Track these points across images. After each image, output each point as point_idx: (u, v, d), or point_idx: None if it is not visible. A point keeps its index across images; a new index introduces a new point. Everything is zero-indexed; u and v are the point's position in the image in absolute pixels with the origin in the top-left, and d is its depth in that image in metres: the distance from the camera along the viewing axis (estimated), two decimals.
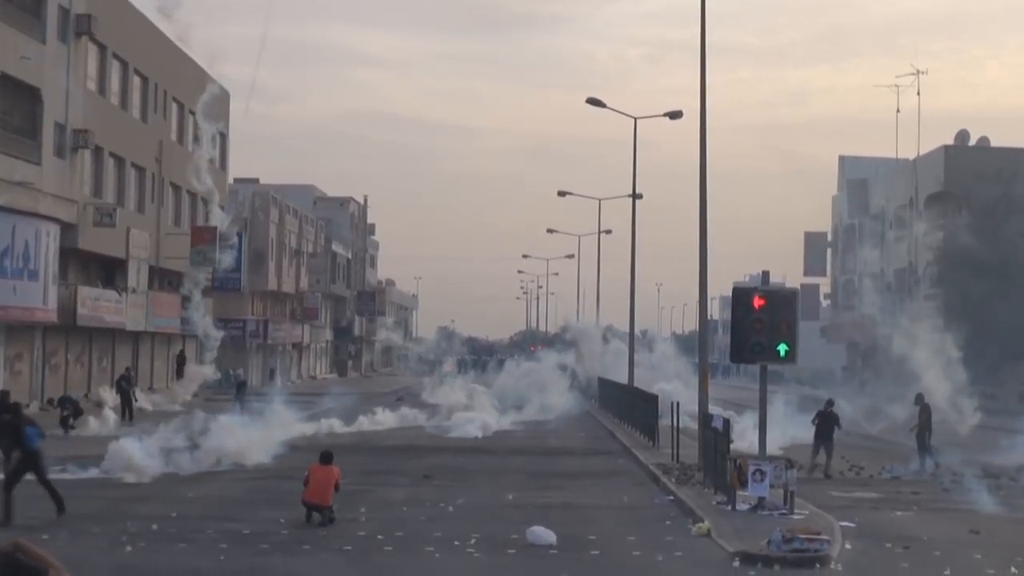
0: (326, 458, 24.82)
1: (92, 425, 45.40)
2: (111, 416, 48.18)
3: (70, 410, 44.82)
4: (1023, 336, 64.52)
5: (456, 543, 21.63)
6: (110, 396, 54.40)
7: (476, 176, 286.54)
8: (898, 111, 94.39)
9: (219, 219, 70.27)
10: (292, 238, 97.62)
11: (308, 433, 44.65)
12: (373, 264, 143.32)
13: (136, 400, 53.05)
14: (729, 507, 25.41)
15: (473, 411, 56.88)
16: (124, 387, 52.36)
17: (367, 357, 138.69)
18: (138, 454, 32.29)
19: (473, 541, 21.83)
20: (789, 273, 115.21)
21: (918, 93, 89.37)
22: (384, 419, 53.45)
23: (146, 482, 30.26)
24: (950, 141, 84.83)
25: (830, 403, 36.43)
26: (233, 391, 58.72)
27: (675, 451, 36.49)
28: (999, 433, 42.42)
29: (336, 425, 48.82)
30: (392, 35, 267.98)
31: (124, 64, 61.11)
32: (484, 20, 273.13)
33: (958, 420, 43.00)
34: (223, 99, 75.79)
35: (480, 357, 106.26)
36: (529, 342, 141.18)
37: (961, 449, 38.29)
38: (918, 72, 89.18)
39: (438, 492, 29.27)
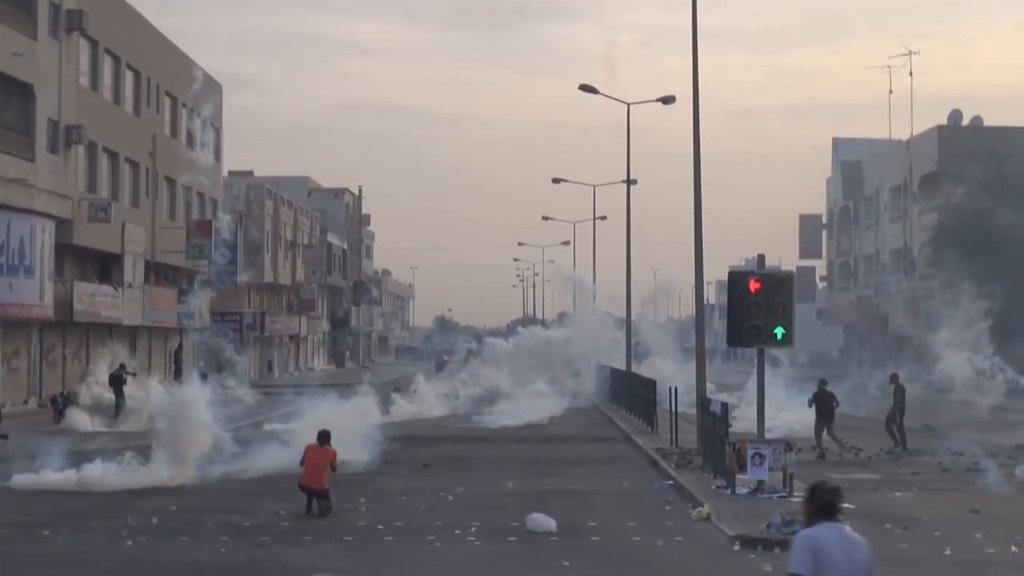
0: (323, 438, 24.48)
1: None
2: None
3: (60, 405, 44.80)
4: (1019, 314, 64.51)
5: (456, 532, 21.68)
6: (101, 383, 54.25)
7: (470, 165, 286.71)
8: (891, 92, 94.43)
9: (224, 224, 70.22)
10: (287, 230, 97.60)
11: (380, 421, 43.92)
12: (369, 255, 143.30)
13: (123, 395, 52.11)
14: (728, 491, 25.46)
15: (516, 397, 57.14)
16: (116, 377, 52.07)
17: (364, 347, 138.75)
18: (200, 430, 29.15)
19: (473, 529, 21.88)
20: (785, 256, 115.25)
21: (911, 74, 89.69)
22: (435, 408, 53.86)
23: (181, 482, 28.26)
24: (943, 121, 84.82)
25: (823, 382, 36.31)
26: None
27: (674, 436, 36.51)
28: (1005, 412, 42.33)
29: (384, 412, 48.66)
30: (384, 25, 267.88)
31: (116, 59, 61.04)
32: (476, 8, 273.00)
33: (978, 401, 41.62)
34: (215, 92, 75.75)
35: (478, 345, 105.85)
36: None
37: (968, 429, 38.01)
38: (910, 53, 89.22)
39: (438, 481, 29.29)
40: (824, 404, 35.45)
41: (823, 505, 9.19)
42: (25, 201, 48.98)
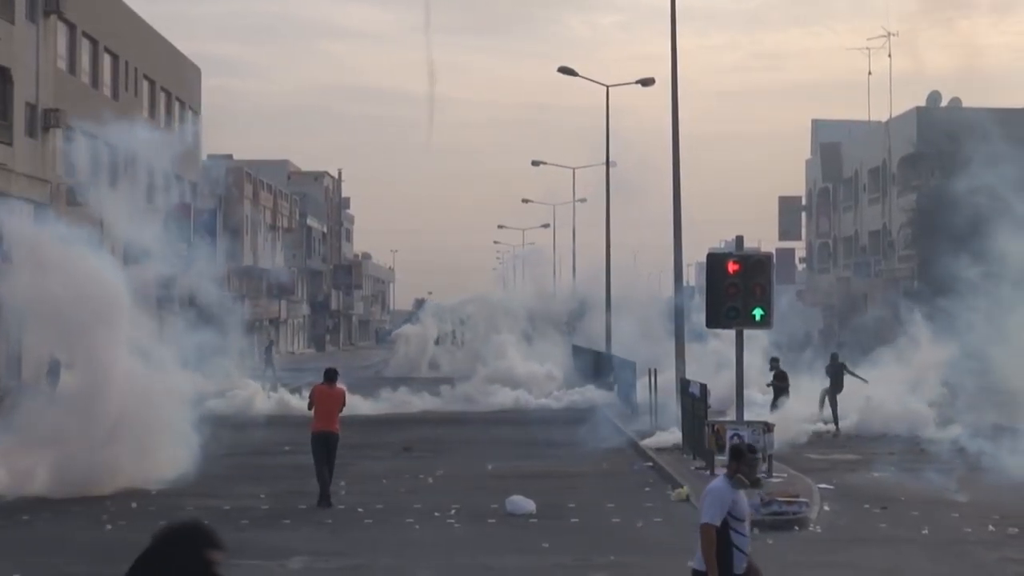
0: (331, 376, 23.86)
1: None
2: None
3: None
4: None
5: (436, 514, 21.71)
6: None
7: (449, 147, 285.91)
8: (870, 74, 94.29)
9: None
10: (267, 214, 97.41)
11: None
12: (348, 238, 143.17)
13: None
14: (708, 472, 25.51)
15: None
16: None
17: (345, 331, 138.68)
18: None
19: (453, 512, 21.91)
20: (764, 238, 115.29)
21: (889, 55, 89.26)
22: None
23: None
24: (922, 103, 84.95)
25: (835, 356, 36.92)
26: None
27: (653, 418, 36.55)
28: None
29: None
30: (365, 7, 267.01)
31: (94, 42, 60.83)
32: None
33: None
34: (194, 75, 75.56)
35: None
36: None
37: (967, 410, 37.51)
38: (889, 35, 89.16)
39: (418, 464, 29.32)
40: (838, 376, 35.88)
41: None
42: (3, 186, 48.83)
